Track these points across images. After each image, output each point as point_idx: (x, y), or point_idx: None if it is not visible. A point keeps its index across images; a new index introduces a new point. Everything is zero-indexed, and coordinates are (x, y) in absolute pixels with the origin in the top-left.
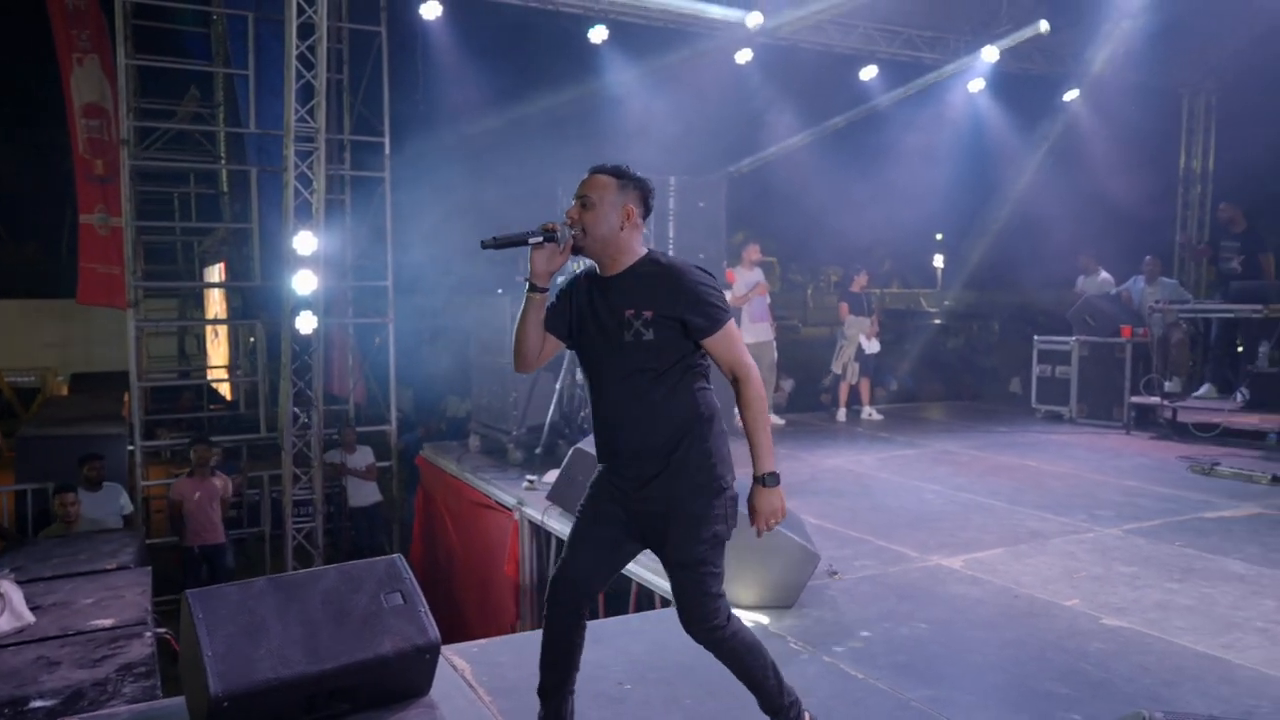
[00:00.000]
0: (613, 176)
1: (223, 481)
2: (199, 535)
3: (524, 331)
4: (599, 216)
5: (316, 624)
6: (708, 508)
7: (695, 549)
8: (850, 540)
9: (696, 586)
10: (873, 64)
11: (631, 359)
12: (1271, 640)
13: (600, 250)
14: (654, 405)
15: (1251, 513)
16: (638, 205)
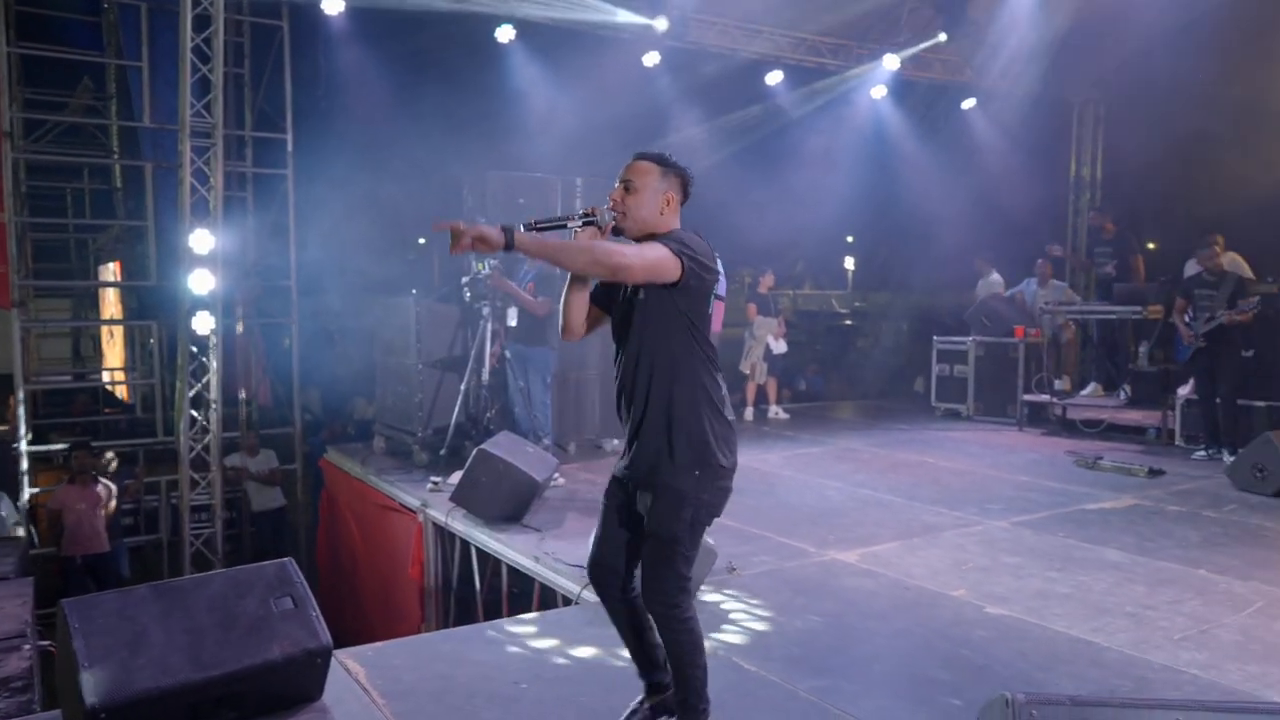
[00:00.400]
0: (656, 163)
1: (105, 489)
2: (80, 545)
3: (569, 307)
4: (641, 200)
5: (201, 631)
6: (694, 487)
7: (674, 526)
8: (751, 537)
9: (666, 563)
10: (778, 69)
11: (639, 333)
12: (1138, 624)
13: (639, 232)
14: (657, 382)
15: (1129, 504)
16: (677, 191)
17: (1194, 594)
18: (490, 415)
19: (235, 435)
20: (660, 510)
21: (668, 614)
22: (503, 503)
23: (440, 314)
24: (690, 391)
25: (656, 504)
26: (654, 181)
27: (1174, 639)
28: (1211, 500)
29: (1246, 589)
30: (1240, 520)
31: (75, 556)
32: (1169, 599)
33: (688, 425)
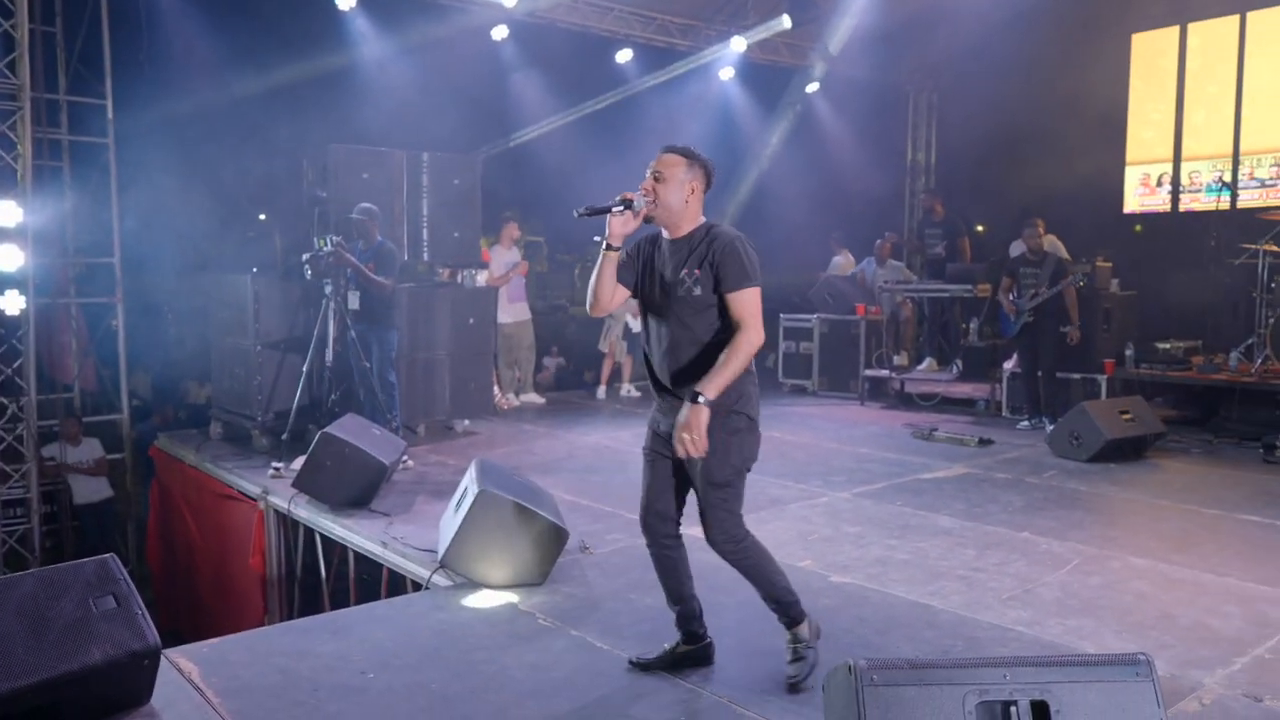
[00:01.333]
0: (682, 156)
1: None
2: None
3: (600, 283)
4: (670, 189)
5: (9, 637)
6: (736, 435)
7: (725, 470)
8: (603, 515)
9: (723, 505)
10: (628, 47)
11: (685, 309)
12: (969, 585)
13: (667, 218)
14: (701, 347)
15: (961, 473)
16: (701, 182)
17: (1019, 555)
18: (334, 398)
19: (54, 423)
20: (712, 459)
21: (736, 549)
22: (348, 487)
23: (280, 292)
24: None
25: (712, 455)
26: (680, 173)
27: (1002, 598)
28: (1033, 467)
29: (1064, 548)
30: (1058, 485)
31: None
32: (996, 561)
33: (737, 386)
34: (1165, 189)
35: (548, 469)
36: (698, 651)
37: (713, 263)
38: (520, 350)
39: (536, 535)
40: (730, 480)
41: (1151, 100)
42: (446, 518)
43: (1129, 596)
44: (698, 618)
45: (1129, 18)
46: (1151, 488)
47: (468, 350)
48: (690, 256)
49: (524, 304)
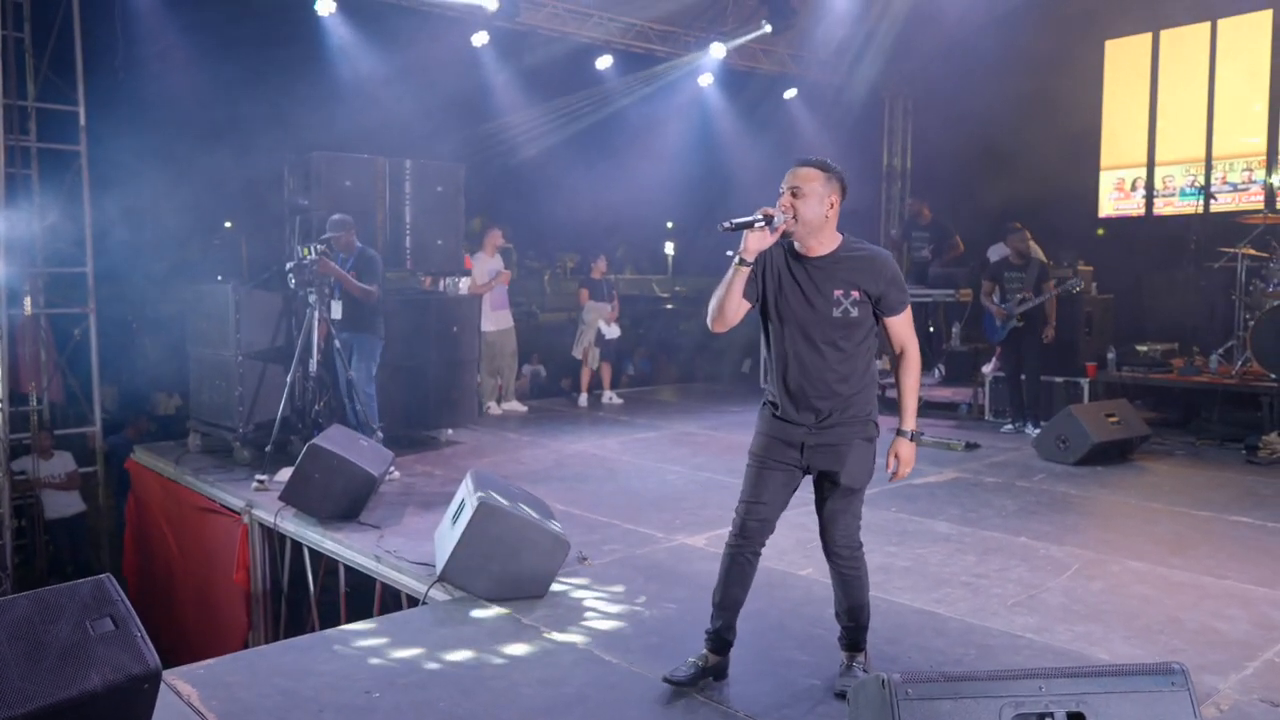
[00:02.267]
0: (819, 169)
1: None
2: None
3: (729, 299)
4: (809, 205)
5: (3, 664)
6: (873, 443)
7: (864, 474)
8: (598, 525)
9: (854, 509)
10: (608, 54)
11: (837, 329)
12: (974, 592)
13: (807, 234)
14: (845, 364)
15: (951, 477)
16: (839, 195)
17: (1019, 560)
18: (318, 408)
19: (25, 436)
20: (857, 467)
21: (854, 554)
22: (337, 500)
23: (260, 302)
24: (873, 374)
25: (855, 463)
26: (819, 187)
27: (1007, 605)
28: (1022, 471)
29: (1063, 553)
30: (1049, 488)
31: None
32: (998, 567)
33: (868, 402)
34: (1140, 193)
35: (537, 478)
36: (723, 662)
37: (878, 285)
38: (503, 358)
39: (537, 547)
40: (864, 485)
41: (1125, 106)
42: (443, 530)
43: (1133, 601)
44: (733, 628)
45: (1102, 25)
46: (1141, 490)
47: (451, 359)
48: (844, 275)
49: (507, 312)
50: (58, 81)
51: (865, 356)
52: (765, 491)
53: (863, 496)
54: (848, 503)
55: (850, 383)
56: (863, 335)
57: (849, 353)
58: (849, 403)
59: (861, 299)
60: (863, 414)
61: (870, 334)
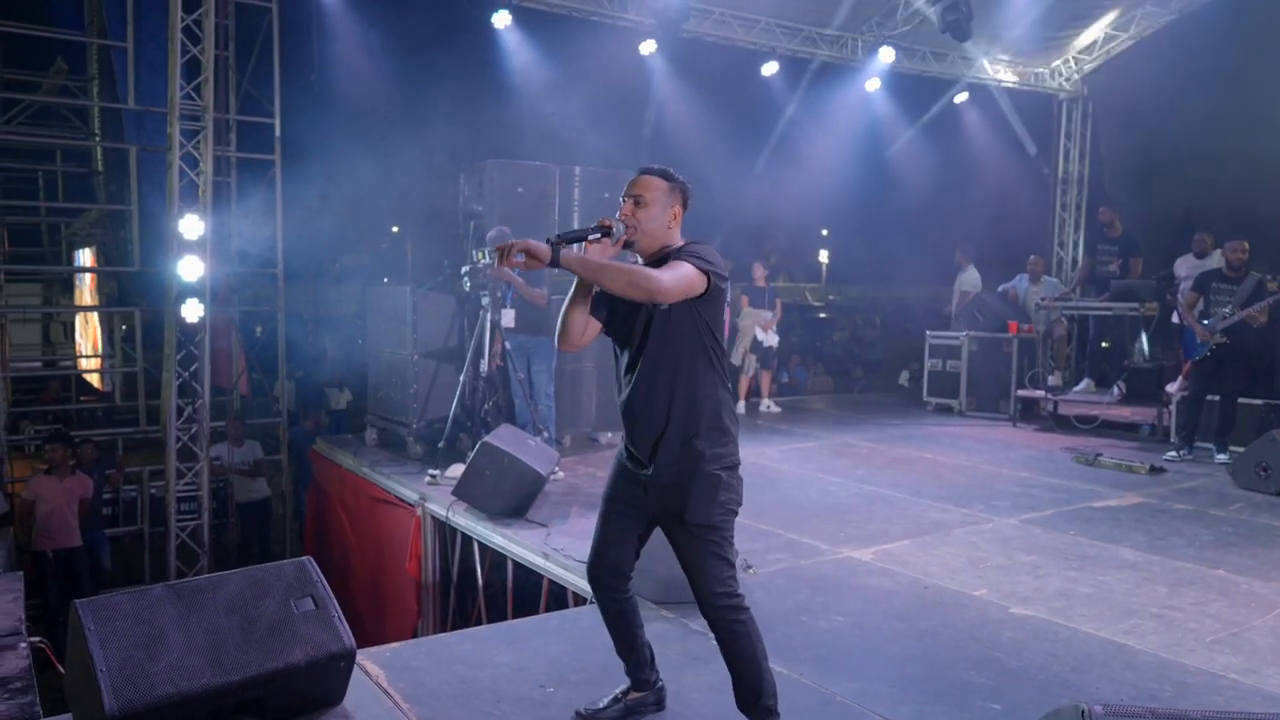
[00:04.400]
0: (663, 179)
1: (81, 482)
2: (53, 539)
3: (570, 314)
4: (651, 214)
5: (221, 633)
6: (726, 476)
7: (712, 511)
8: (761, 534)
9: (714, 552)
10: (774, 60)
11: (660, 336)
12: (1166, 625)
13: (648, 244)
14: (676, 385)
15: (1135, 502)
16: (681, 205)
17: (1217, 595)
18: (488, 408)
19: (219, 425)
20: (698, 501)
21: (729, 611)
22: (506, 497)
23: (435, 304)
24: (714, 391)
25: (694, 497)
26: (661, 196)
27: (1206, 641)
28: (1216, 499)
29: (1269, 590)
30: (1249, 519)
31: (47, 551)
32: (1193, 600)
33: (715, 424)
34: None
35: None
36: (647, 699)
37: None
38: None
39: None
40: (719, 524)
41: None
42: None
43: None
44: (649, 664)
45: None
46: None
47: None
48: None
49: None
50: (256, 95)
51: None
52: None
53: (726, 537)
54: (704, 543)
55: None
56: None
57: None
58: (689, 434)
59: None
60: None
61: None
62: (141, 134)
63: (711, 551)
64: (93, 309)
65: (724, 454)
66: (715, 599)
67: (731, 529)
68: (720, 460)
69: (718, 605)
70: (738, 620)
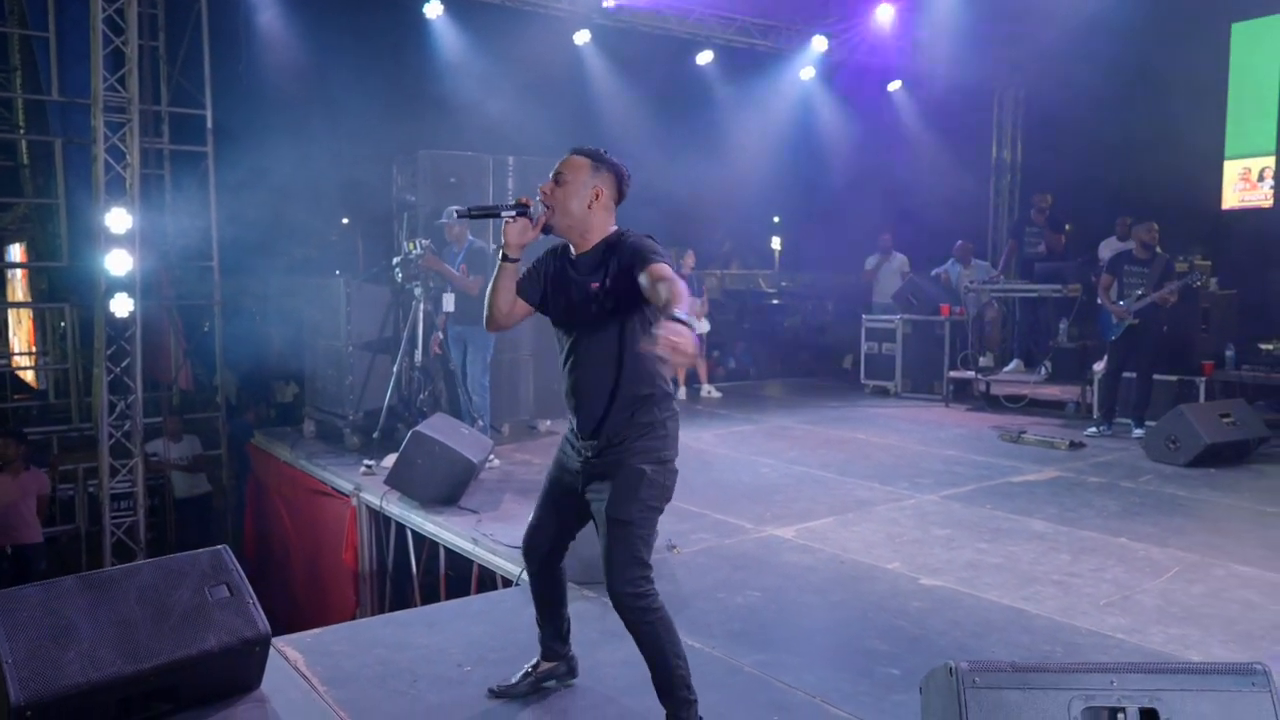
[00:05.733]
0: (588, 158)
1: (36, 478)
2: (9, 535)
3: (495, 296)
4: (570, 193)
5: (132, 623)
6: (652, 470)
7: (632, 507)
8: (689, 515)
9: (628, 547)
10: (709, 49)
11: (598, 333)
12: (1064, 591)
13: (569, 227)
14: (616, 375)
15: (1052, 475)
16: (609, 187)
17: (1116, 561)
18: (423, 397)
19: (157, 421)
20: (618, 495)
21: (636, 603)
22: (438, 485)
23: (370, 295)
24: (652, 382)
25: (614, 490)
26: (584, 176)
27: (1099, 605)
28: (1129, 471)
29: (1164, 555)
30: (1156, 490)
31: (5, 547)
32: (1092, 566)
33: (652, 415)
34: (1268, 184)
35: None
36: (558, 669)
37: (622, 265)
38: None
39: None
40: (638, 519)
41: (1253, 92)
42: None
43: (1235, 606)
44: (563, 638)
45: (1228, 7)
46: (1256, 494)
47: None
48: (596, 269)
49: None
50: (187, 86)
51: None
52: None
53: (643, 534)
54: (619, 535)
55: (622, 398)
56: (630, 340)
57: (616, 360)
58: (625, 424)
59: (613, 288)
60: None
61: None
62: (67, 126)
63: (625, 548)
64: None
65: (654, 447)
66: (623, 598)
67: (651, 526)
68: (649, 454)
69: (625, 605)
70: (645, 621)
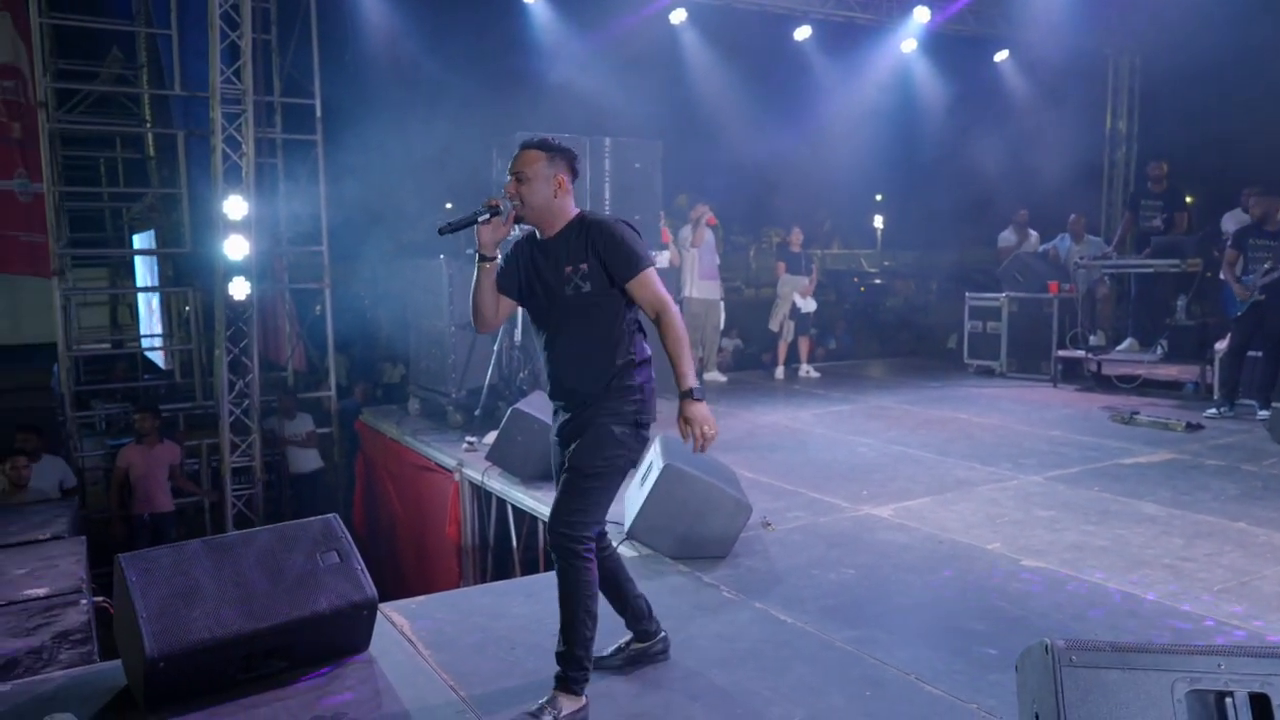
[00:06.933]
0: (541, 150)
1: (169, 449)
2: (147, 503)
3: (479, 297)
4: (534, 188)
5: (251, 584)
6: (620, 431)
7: (594, 459)
8: (784, 493)
9: (580, 495)
10: (806, 24)
11: (574, 310)
12: (1176, 575)
13: (538, 218)
14: (594, 351)
15: (1166, 458)
16: (566, 173)
17: (1233, 546)
18: (523, 375)
19: (273, 399)
20: (584, 446)
21: (569, 544)
22: (537, 460)
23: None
24: (628, 351)
25: (582, 442)
26: (542, 168)
27: (1213, 590)
28: (1251, 454)
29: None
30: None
31: (143, 514)
32: (1207, 551)
33: (628, 380)
34: None
35: (728, 447)
36: (652, 648)
37: (597, 253)
38: (706, 329)
39: (720, 510)
40: (597, 471)
41: None
42: (631, 492)
43: None
44: (648, 615)
45: None
46: None
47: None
48: (570, 252)
49: (715, 283)
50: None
51: (620, 343)
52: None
53: (598, 486)
54: (574, 481)
55: (600, 371)
56: (607, 317)
57: (596, 333)
58: (601, 392)
59: (590, 272)
60: (615, 404)
61: (619, 318)
62: (189, 119)
63: (576, 495)
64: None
65: (627, 410)
66: (558, 535)
67: (608, 483)
68: (622, 416)
69: (558, 544)
70: (570, 565)
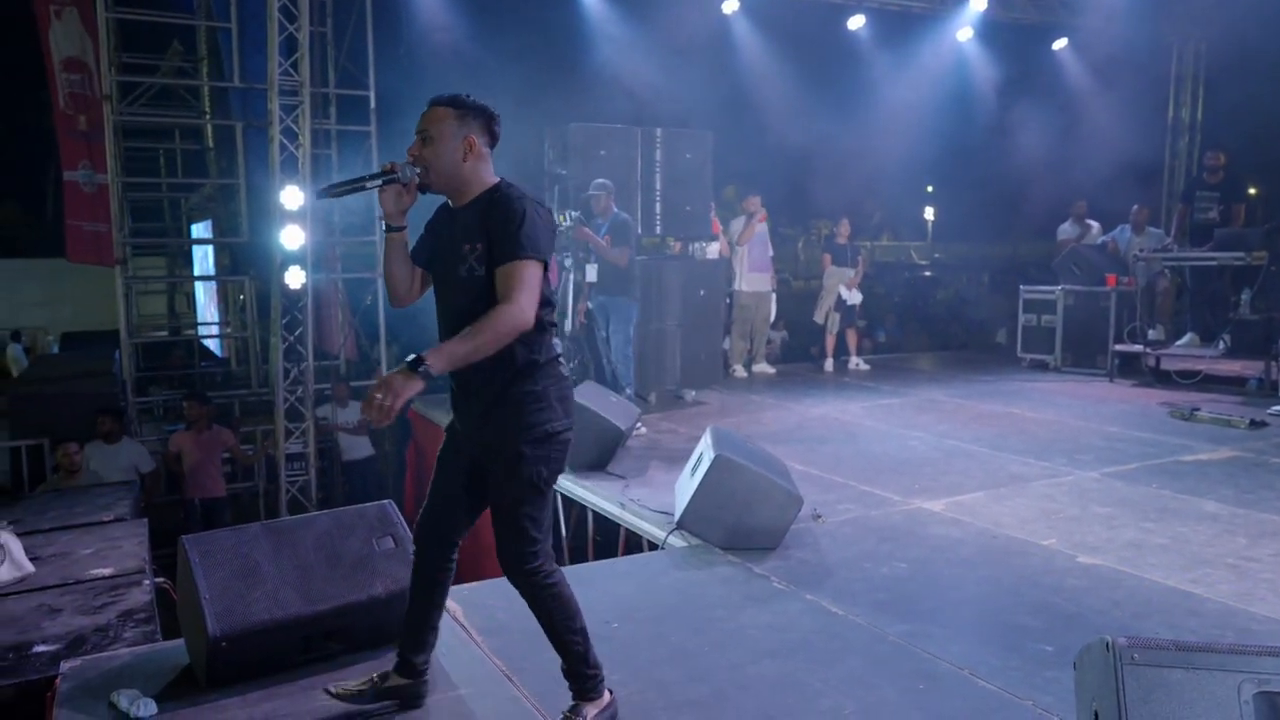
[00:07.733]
0: (450, 107)
1: (219, 435)
2: (199, 488)
3: (387, 268)
4: (439, 150)
5: (310, 567)
6: (529, 449)
7: (512, 489)
8: (834, 485)
9: (514, 529)
10: (860, 13)
11: (468, 293)
12: (1239, 575)
13: (446, 184)
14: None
15: (1228, 456)
16: (480, 134)
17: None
18: (572, 366)
19: (326, 387)
20: (499, 482)
21: (527, 578)
22: (587, 451)
23: None
24: (530, 350)
25: (496, 475)
26: (451, 128)
27: (1278, 591)
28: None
29: None
30: None
31: (194, 499)
32: (1272, 551)
33: (530, 384)
34: None
35: (778, 438)
36: (408, 688)
37: (488, 231)
38: (756, 322)
39: (770, 501)
40: (520, 498)
41: None
42: (682, 482)
43: None
44: (425, 650)
45: None
46: None
47: (698, 321)
48: (470, 227)
49: (765, 275)
50: (352, 69)
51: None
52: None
53: (529, 513)
54: (504, 518)
55: (494, 369)
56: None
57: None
58: (499, 398)
59: (484, 252)
60: (518, 415)
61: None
62: (247, 111)
63: (508, 528)
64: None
65: (533, 422)
66: (513, 574)
67: (536, 502)
68: (528, 431)
69: (516, 580)
70: (537, 595)
